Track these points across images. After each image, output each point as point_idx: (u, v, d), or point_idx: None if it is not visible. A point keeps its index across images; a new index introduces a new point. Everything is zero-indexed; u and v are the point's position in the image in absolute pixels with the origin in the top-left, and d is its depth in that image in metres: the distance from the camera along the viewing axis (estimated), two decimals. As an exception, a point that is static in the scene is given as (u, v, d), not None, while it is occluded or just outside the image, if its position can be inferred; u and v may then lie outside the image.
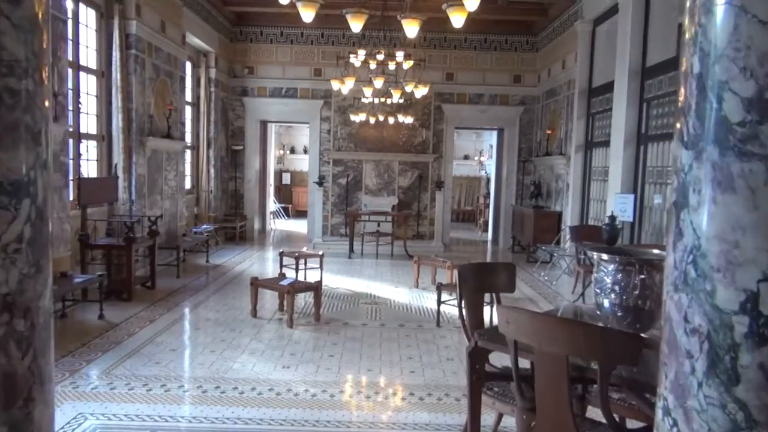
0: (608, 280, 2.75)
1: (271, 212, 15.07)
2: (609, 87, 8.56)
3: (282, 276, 6.47)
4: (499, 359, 3.08)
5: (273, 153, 16.37)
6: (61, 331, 5.52)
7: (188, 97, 10.59)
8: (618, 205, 7.55)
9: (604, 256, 2.75)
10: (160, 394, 4.06)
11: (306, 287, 6.08)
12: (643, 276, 2.65)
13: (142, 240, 7.16)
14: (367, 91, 7.69)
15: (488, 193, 16.01)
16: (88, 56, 7.24)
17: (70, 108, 6.77)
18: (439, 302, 6.12)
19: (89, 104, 7.29)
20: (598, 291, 2.79)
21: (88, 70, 7.22)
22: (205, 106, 11.11)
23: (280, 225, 15.77)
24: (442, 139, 12.40)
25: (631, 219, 7.49)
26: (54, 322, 5.31)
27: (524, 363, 2.48)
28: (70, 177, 6.32)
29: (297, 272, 7.72)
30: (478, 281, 3.42)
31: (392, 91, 8.02)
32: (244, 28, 12.15)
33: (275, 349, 5.15)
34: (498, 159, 13.32)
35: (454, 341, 5.57)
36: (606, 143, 8.70)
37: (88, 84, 7.26)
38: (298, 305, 6.63)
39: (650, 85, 7.41)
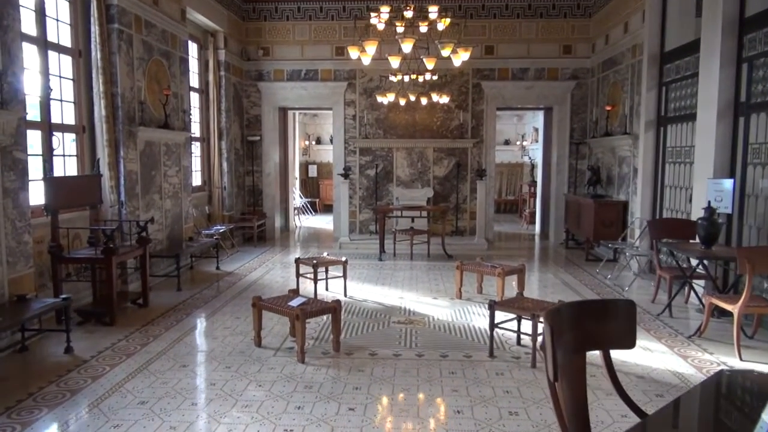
0: None
1: (295, 208, 13.86)
2: (688, 49, 7.01)
3: (293, 294, 5.17)
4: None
5: (297, 143, 15.15)
6: (15, 371, 4.35)
7: (194, 82, 9.40)
8: (712, 192, 6.02)
9: None
10: (101, 488, 2.83)
11: (320, 309, 4.76)
12: None
13: (129, 250, 5.97)
14: (394, 62, 6.31)
15: (533, 181, 14.50)
16: (60, 32, 6.06)
17: (39, 95, 5.63)
18: (492, 326, 4.75)
19: (63, 89, 6.12)
20: None
21: (60, 49, 6.04)
22: (215, 93, 9.90)
23: (306, 222, 14.55)
24: (483, 121, 10.91)
25: (729, 210, 5.96)
26: (8, 359, 4.07)
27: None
28: (32, 177, 5.14)
29: (315, 284, 6.44)
30: (580, 331, 2.06)
31: (425, 60, 6.61)
32: (256, 4, 10.87)
33: (278, 399, 3.87)
34: (546, 142, 11.79)
35: (515, 381, 4.20)
36: (685, 117, 7.15)
37: (61, 65, 6.08)
38: (315, 326, 5.37)
39: (753, 40, 5.84)
